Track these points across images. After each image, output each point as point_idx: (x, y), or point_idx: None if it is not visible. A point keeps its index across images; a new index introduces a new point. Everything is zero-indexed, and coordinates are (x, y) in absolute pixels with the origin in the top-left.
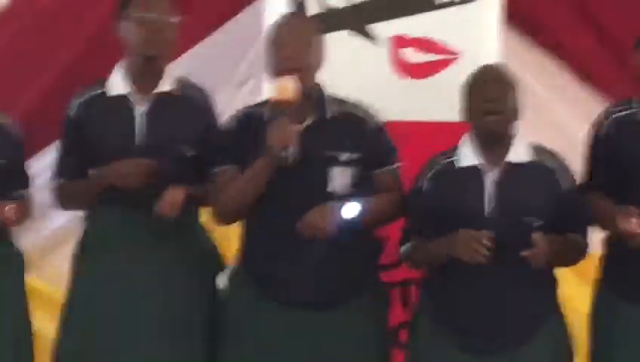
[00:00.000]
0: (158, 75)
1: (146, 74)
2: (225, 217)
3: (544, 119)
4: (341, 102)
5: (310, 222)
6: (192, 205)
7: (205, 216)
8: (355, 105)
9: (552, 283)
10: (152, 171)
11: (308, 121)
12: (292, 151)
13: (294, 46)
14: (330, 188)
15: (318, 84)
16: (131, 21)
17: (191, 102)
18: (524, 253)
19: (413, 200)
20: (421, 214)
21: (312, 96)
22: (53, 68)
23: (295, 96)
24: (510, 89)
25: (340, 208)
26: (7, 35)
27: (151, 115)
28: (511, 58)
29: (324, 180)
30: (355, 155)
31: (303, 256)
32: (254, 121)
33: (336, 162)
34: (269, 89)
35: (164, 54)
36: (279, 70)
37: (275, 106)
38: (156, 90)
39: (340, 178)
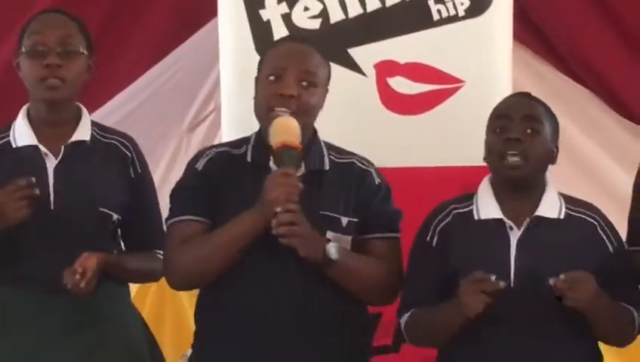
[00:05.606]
0: (71, 121)
1: (52, 120)
2: (186, 280)
3: (574, 160)
4: (336, 149)
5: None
6: (119, 282)
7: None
8: (353, 155)
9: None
10: (31, 189)
11: (300, 171)
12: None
13: (299, 79)
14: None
15: (314, 127)
16: (24, 55)
17: (112, 152)
18: (559, 279)
19: (418, 257)
20: (428, 273)
21: (307, 142)
22: None
23: (299, 140)
24: (541, 125)
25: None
26: None
27: (65, 171)
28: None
29: None
30: (355, 219)
31: (282, 338)
32: (234, 164)
33: (336, 227)
34: (273, 129)
35: (68, 96)
36: (278, 108)
37: (280, 151)
38: (70, 140)
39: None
